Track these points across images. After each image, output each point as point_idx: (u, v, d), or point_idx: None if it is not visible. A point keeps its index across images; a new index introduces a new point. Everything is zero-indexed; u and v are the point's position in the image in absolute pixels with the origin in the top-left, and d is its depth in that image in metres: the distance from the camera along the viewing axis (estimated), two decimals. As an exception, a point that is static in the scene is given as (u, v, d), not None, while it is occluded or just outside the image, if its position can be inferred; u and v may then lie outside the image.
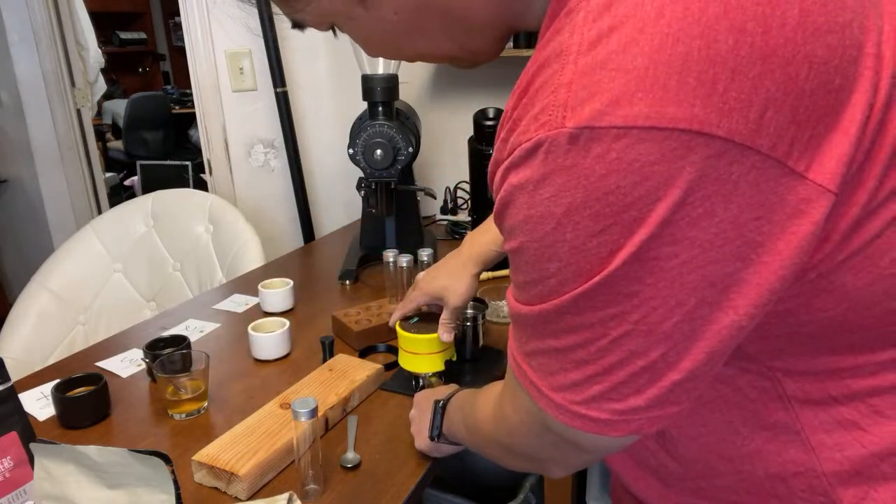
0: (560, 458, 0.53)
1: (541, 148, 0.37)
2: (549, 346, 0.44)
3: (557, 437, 0.48)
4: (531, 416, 0.50)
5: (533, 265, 0.42)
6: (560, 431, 0.47)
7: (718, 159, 0.34)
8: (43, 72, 2.57)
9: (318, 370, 1.03)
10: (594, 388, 0.43)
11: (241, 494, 0.78)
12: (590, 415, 0.44)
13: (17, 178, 2.83)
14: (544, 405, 0.46)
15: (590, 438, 0.46)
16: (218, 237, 1.70)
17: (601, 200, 0.36)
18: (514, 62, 1.79)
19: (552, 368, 0.45)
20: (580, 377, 0.43)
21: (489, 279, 1.45)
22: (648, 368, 0.40)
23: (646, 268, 0.37)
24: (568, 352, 0.43)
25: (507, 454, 0.60)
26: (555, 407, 0.45)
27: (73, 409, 0.94)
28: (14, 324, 1.53)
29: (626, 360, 0.40)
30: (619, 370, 0.41)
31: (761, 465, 0.51)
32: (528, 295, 0.44)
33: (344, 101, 2.08)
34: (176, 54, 6.17)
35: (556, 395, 0.45)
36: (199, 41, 1.86)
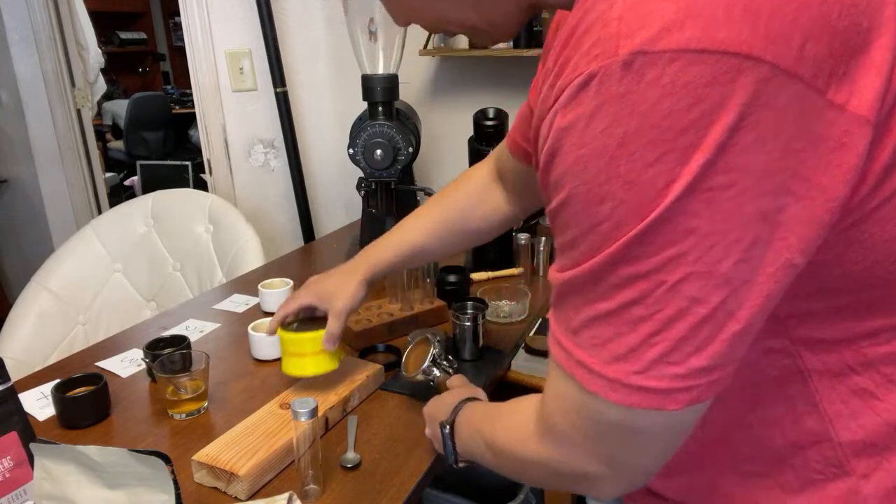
0: (614, 463, 0.49)
1: (593, 80, 0.37)
2: (600, 311, 0.43)
3: (612, 430, 0.46)
4: (582, 412, 0.47)
5: (583, 212, 0.41)
6: (615, 419, 0.45)
7: (767, 84, 0.35)
8: (43, 72, 2.57)
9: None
10: (652, 351, 0.41)
11: (241, 494, 0.78)
12: (648, 385, 0.42)
13: (17, 178, 2.83)
14: (597, 387, 0.44)
15: (648, 418, 0.44)
16: (218, 237, 1.70)
17: (656, 126, 0.36)
18: (514, 62, 1.79)
19: (605, 337, 0.43)
20: (636, 340, 0.41)
21: (489, 279, 1.45)
22: (709, 319, 0.39)
23: (702, 200, 0.37)
24: (622, 311, 0.41)
25: (553, 475, 0.54)
26: (608, 384, 0.43)
27: (73, 409, 0.94)
28: (14, 324, 1.53)
29: (686, 309, 0.39)
30: (678, 323, 0.40)
31: (780, 434, 0.52)
32: (576, 253, 0.43)
33: (344, 101, 2.08)
34: (176, 54, 6.17)
35: (609, 368, 0.43)
36: (199, 41, 1.86)
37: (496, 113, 1.43)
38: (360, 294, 0.93)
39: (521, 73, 1.78)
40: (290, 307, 0.94)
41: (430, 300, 1.26)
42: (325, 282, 0.95)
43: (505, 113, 1.44)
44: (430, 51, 1.76)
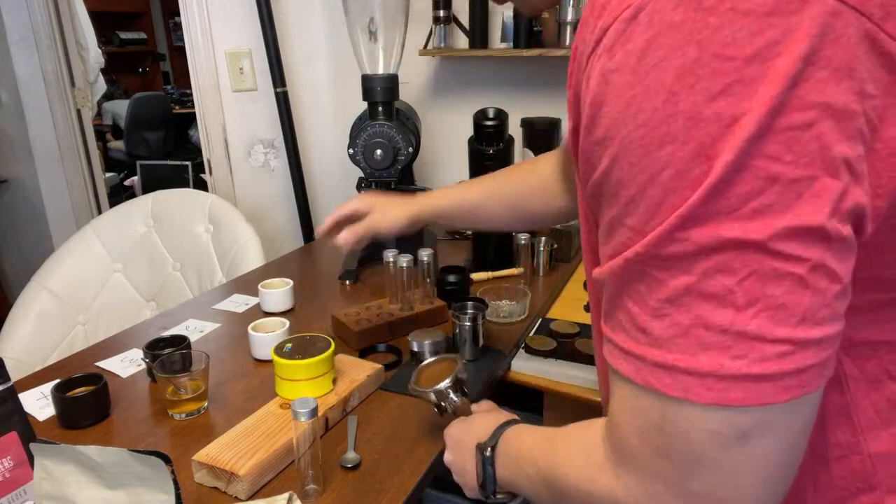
0: (711, 481, 0.39)
1: (643, 11, 0.34)
2: (675, 290, 0.36)
3: (709, 447, 0.37)
4: (666, 428, 0.38)
5: (640, 163, 0.35)
6: (713, 428, 0.37)
7: (836, 18, 0.32)
8: (43, 72, 2.57)
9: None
10: (750, 327, 0.34)
11: (241, 494, 0.78)
12: (751, 372, 0.35)
13: (17, 178, 2.83)
14: (683, 389, 0.36)
15: (756, 419, 0.36)
16: (218, 237, 1.70)
17: (718, 56, 0.33)
18: (514, 62, 1.79)
19: (686, 322, 0.36)
20: (727, 317, 0.35)
21: (489, 279, 1.45)
22: (809, 280, 0.34)
23: (781, 141, 0.32)
24: (704, 284, 0.35)
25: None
26: (699, 381, 0.36)
27: (73, 409, 0.94)
28: (14, 324, 1.53)
29: (781, 272, 0.33)
30: (775, 288, 0.34)
31: (808, 447, 0.46)
32: (634, 221, 0.37)
33: (344, 101, 2.08)
34: (176, 54, 6.17)
35: (697, 360, 0.36)
36: (199, 41, 1.86)
37: (496, 113, 1.43)
38: (399, 222, 0.95)
39: (521, 73, 1.78)
40: (345, 210, 0.99)
41: (430, 300, 1.26)
42: (379, 197, 0.99)
43: (505, 113, 1.44)
44: (430, 51, 1.76)
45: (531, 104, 1.78)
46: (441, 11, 1.71)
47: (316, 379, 0.94)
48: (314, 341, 0.98)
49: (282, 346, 0.97)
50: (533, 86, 1.77)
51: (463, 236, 1.80)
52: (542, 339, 1.17)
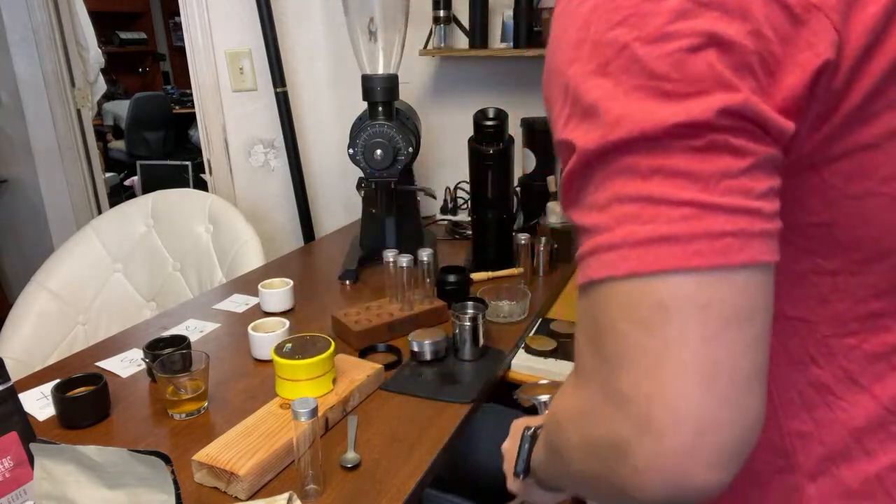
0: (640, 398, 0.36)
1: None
2: (597, 182, 0.39)
3: (628, 321, 0.37)
4: (596, 317, 0.39)
5: (556, 81, 0.42)
6: (630, 303, 0.37)
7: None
8: (43, 72, 2.57)
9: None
10: (655, 191, 0.37)
11: (241, 494, 0.78)
12: (658, 233, 0.36)
13: (17, 178, 2.83)
14: (605, 267, 0.38)
15: (669, 287, 0.36)
16: (218, 237, 1.70)
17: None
18: (514, 62, 1.79)
19: (603, 202, 0.39)
20: (635, 187, 0.37)
21: (489, 279, 1.45)
22: (706, 153, 0.37)
23: (668, 62, 0.37)
24: (615, 166, 0.38)
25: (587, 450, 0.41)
26: (617, 252, 0.37)
27: (73, 409, 0.94)
28: (14, 324, 1.53)
29: (679, 145, 0.37)
30: (678, 158, 0.37)
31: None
32: (557, 135, 0.42)
33: (344, 101, 2.08)
34: (176, 54, 6.17)
35: (614, 234, 0.38)
36: (199, 41, 1.86)
37: (496, 113, 1.43)
38: None
39: (521, 73, 1.78)
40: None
41: (430, 300, 1.26)
42: None
43: (505, 113, 1.44)
44: (430, 51, 1.76)
45: (531, 104, 1.78)
46: (441, 11, 1.71)
47: (316, 379, 0.94)
48: (314, 341, 0.98)
49: (282, 346, 0.97)
50: (533, 86, 1.77)
51: (463, 236, 1.80)
52: (542, 339, 1.17)
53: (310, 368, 0.93)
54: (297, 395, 0.92)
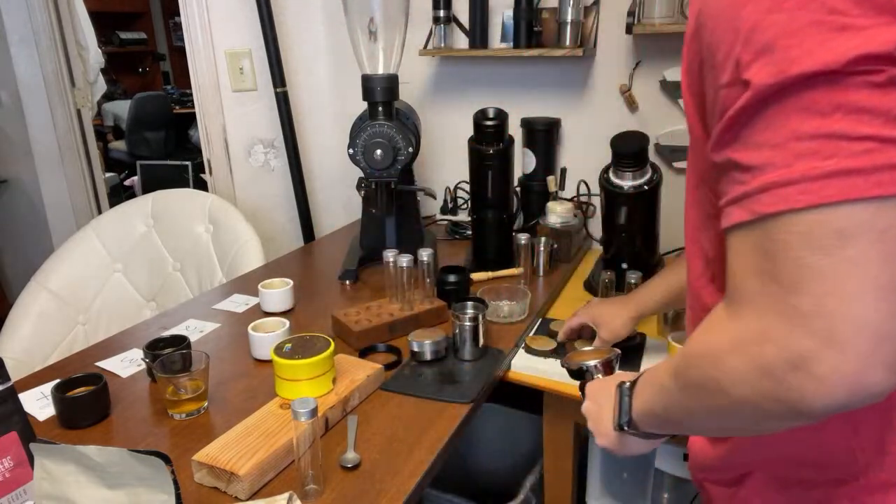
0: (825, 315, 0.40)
1: None
2: (769, 120, 0.41)
3: (808, 246, 0.40)
4: (769, 250, 0.42)
5: (725, 26, 0.43)
6: (811, 231, 0.40)
7: None
8: (43, 72, 2.57)
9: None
10: (835, 127, 0.39)
11: (241, 494, 0.78)
12: (840, 167, 0.39)
13: (17, 178, 2.83)
14: (782, 201, 0.40)
15: (849, 215, 0.39)
16: (218, 237, 1.70)
17: None
18: (514, 62, 1.79)
19: (779, 140, 0.41)
20: (814, 124, 0.40)
21: (489, 279, 1.45)
22: (886, 86, 0.39)
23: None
24: (793, 104, 0.40)
25: (755, 372, 0.43)
26: (795, 186, 0.39)
27: (73, 409, 0.94)
28: (14, 324, 1.53)
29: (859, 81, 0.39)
30: (855, 92, 0.39)
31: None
32: (726, 77, 0.43)
33: (344, 101, 2.08)
34: (176, 54, 6.17)
35: (792, 170, 0.40)
36: (199, 41, 1.86)
37: (496, 113, 1.43)
38: (626, 328, 1.05)
39: (521, 73, 1.78)
40: (573, 323, 1.12)
41: (430, 300, 1.26)
42: (602, 308, 1.09)
43: (505, 113, 1.44)
44: (430, 51, 1.76)
45: (531, 104, 1.78)
46: (441, 11, 1.71)
47: (316, 379, 0.94)
48: (314, 341, 0.98)
49: (282, 346, 0.97)
50: (533, 86, 1.77)
51: (463, 236, 1.80)
52: (542, 339, 1.17)
53: (310, 368, 0.93)
54: (297, 395, 0.92)
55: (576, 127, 1.74)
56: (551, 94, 1.75)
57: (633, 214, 1.33)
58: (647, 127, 1.60)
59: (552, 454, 1.20)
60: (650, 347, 1.15)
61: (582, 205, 1.73)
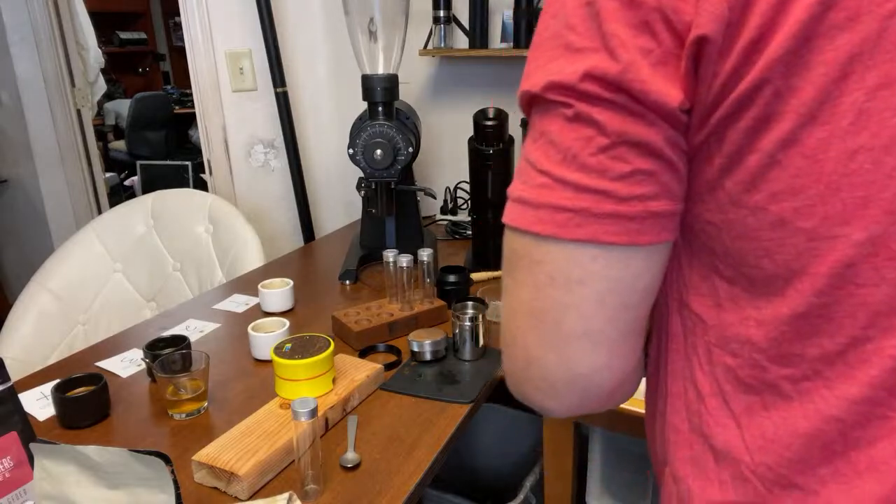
0: (503, 302, 0.45)
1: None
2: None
3: (504, 259, 0.43)
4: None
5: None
6: (505, 246, 0.43)
7: None
8: (43, 72, 2.57)
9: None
10: (532, 155, 0.41)
11: (241, 494, 0.78)
12: (521, 195, 0.41)
13: (17, 178, 2.83)
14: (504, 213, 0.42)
15: (523, 243, 0.41)
16: (218, 237, 1.70)
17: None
18: (514, 62, 1.79)
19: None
20: (527, 147, 0.42)
21: (489, 279, 1.45)
22: (571, 124, 0.39)
23: (578, 15, 0.38)
24: (531, 125, 0.42)
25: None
26: (508, 202, 0.42)
27: (73, 409, 0.94)
28: (14, 324, 1.53)
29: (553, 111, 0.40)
30: (550, 122, 0.40)
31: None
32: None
33: (344, 101, 2.08)
34: (176, 54, 6.17)
35: (510, 186, 0.42)
36: (199, 41, 1.86)
37: (496, 113, 1.43)
38: None
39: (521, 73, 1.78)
40: None
41: (430, 300, 1.26)
42: None
43: (505, 113, 1.44)
44: (430, 51, 1.76)
45: (531, 104, 1.78)
46: (441, 11, 1.71)
47: (316, 379, 0.94)
48: (314, 341, 0.98)
49: (281, 346, 0.97)
50: (533, 86, 1.77)
51: (463, 236, 1.80)
52: (542, 339, 1.17)
53: (309, 368, 0.93)
54: (297, 395, 0.92)
55: (576, 127, 1.74)
56: (551, 94, 1.75)
57: (633, 214, 1.33)
58: (647, 127, 1.60)
59: (552, 454, 1.20)
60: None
61: (582, 205, 1.72)
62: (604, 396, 0.44)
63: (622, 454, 1.26)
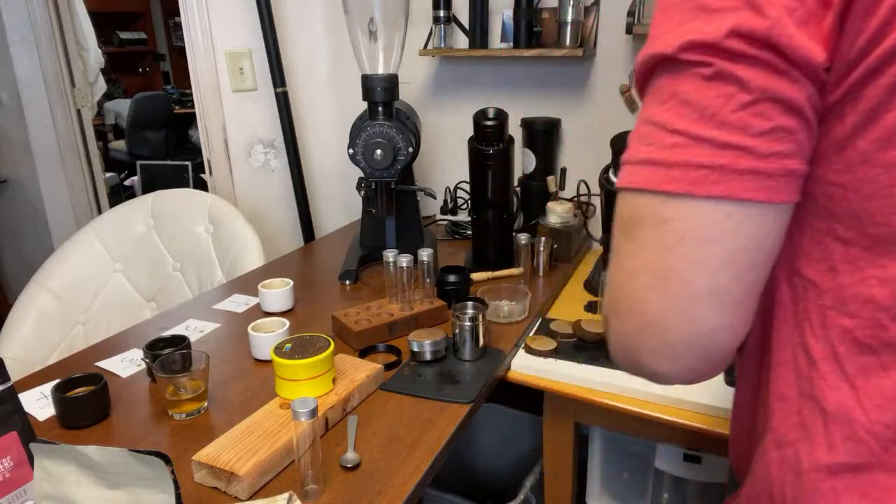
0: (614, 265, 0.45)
1: None
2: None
3: (620, 224, 0.44)
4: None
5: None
6: (622, 210, 0.43)
7: None
8: (43, 72, 2.57)
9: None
10: (661, 116, 0.41)
11: (241, 494, 0.78)
12: (650, 157, 0.41)
13: (17, 178, 2.83)
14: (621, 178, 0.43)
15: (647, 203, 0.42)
16: (218, 237, 1.70)
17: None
18: (514, 62, 1.79)
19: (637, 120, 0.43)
20: (651, 110, 0.43)
21: (489, 279, 1.45)
22: (711, 82, 0.40)
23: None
24: (650, 87, 0.42)
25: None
26: (625, 167, 0.43)
27: (73, 409, 0.94)
28: (14, 324, 1.53)
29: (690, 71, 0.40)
30: (685, 83, 0.40)
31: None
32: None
33: (344, 101, 2.08)
34: (176, 54, 6.17)
35: (629, 151, 0.43)
36: (199, 41, 1.86)
37: (496, 113, 1.43)
38: None
39: (521, 73, 1.78)
40: None
41: (430, 300, 1.26)
42: None
43: (505, 113, 1.44)
44: (430, 51, 1.76)
45: (531, 104, 1.78)
46: (441, 11, 1.71)
47: (316, 379, 0.94)
48: (314, 341, 0.98)
49: (281, 346, 0.97)
50: (533, 86, 1.77)
51: (463, 236, 1.80)
52: (542, 339, 1.17)
53: (309, 368, 0.93)
54: (297, 395, 0.92)
55: (576, 127, 1.74)
56: (551, 94, 1.75)
57: (633, 214, 1.33)
58: (647, 127, 1.60)
59: (552, 454, 1.20)
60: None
61: (582, 205, 1.73)
62: (722, 358, 0.44)
63: (622, 454, 1.26)
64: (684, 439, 1.06)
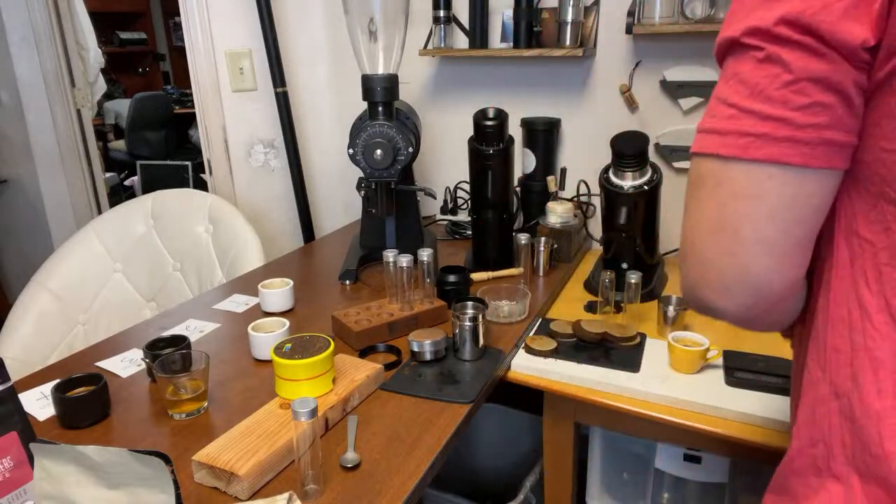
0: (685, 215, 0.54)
1: None
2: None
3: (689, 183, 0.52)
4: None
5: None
6: (691, 172, 0.51)
7: None
8: (43, 72, 2.57)
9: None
10: (723, 92, 0.49)
11: (241, 494, 0.78)
12: (710, 125, 0.49)
13: (17, 178, 2.83)
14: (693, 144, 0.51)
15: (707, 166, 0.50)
16: (218, 237, 1.70)
17: None
18: (514, 62, 1.79)
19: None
20: (719, 86, 0.50)
21: (489, 279, 1.45)
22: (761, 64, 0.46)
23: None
24: (723, 69, 0.49)
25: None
26: (696, 134, 0.51)
27: (73, 409, 0.94)
28: (14, 324, 1.53)
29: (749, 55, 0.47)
30: (744, 64, 0.47)
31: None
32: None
33: (344, 101, 2.08)
34: (176, 54, 6.17)
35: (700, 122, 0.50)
36: (199, 41, 1.86)
37: (496, 113, 1.43)
38: None
39: (521, 73, 1.78)
40: None
41: (430, 300, 1.26)
42: None
43: (505, 113, 1.44)
44: (430, 51, 1.76)
45: (531, 104, 1.78)
46: (441, 11, 1.71)
47: (316, 379, 0.94)
48: (314, 341, 0.98)
49: (281, 346, 0.97)
50: (533, 86, 1.77)
51: (463, 236, 1.80)
52: (542, 339, 1.17)
53: (309, 368, 0.93)
54: (297, 395, 0.92)
55: (576, 127, 1.74)
56: (551, 94, 1.75)
57: (633, 214, 1.33)
58: (647, 127, 1.60)
59: (552, 454, 1.20)
60: (650, 347, 1.16)
61: (582, 205, 1.73)
62: (773, 297, 0.51)
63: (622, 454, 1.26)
64: (684, 439, 1.06)
